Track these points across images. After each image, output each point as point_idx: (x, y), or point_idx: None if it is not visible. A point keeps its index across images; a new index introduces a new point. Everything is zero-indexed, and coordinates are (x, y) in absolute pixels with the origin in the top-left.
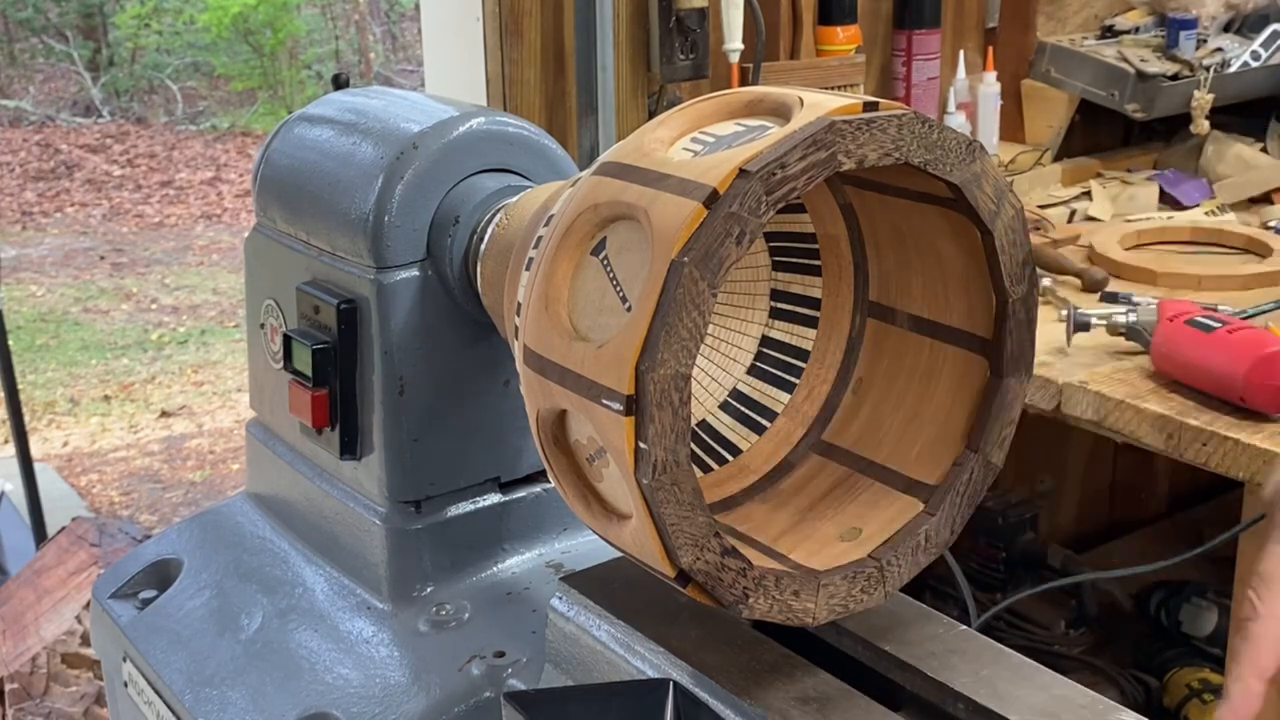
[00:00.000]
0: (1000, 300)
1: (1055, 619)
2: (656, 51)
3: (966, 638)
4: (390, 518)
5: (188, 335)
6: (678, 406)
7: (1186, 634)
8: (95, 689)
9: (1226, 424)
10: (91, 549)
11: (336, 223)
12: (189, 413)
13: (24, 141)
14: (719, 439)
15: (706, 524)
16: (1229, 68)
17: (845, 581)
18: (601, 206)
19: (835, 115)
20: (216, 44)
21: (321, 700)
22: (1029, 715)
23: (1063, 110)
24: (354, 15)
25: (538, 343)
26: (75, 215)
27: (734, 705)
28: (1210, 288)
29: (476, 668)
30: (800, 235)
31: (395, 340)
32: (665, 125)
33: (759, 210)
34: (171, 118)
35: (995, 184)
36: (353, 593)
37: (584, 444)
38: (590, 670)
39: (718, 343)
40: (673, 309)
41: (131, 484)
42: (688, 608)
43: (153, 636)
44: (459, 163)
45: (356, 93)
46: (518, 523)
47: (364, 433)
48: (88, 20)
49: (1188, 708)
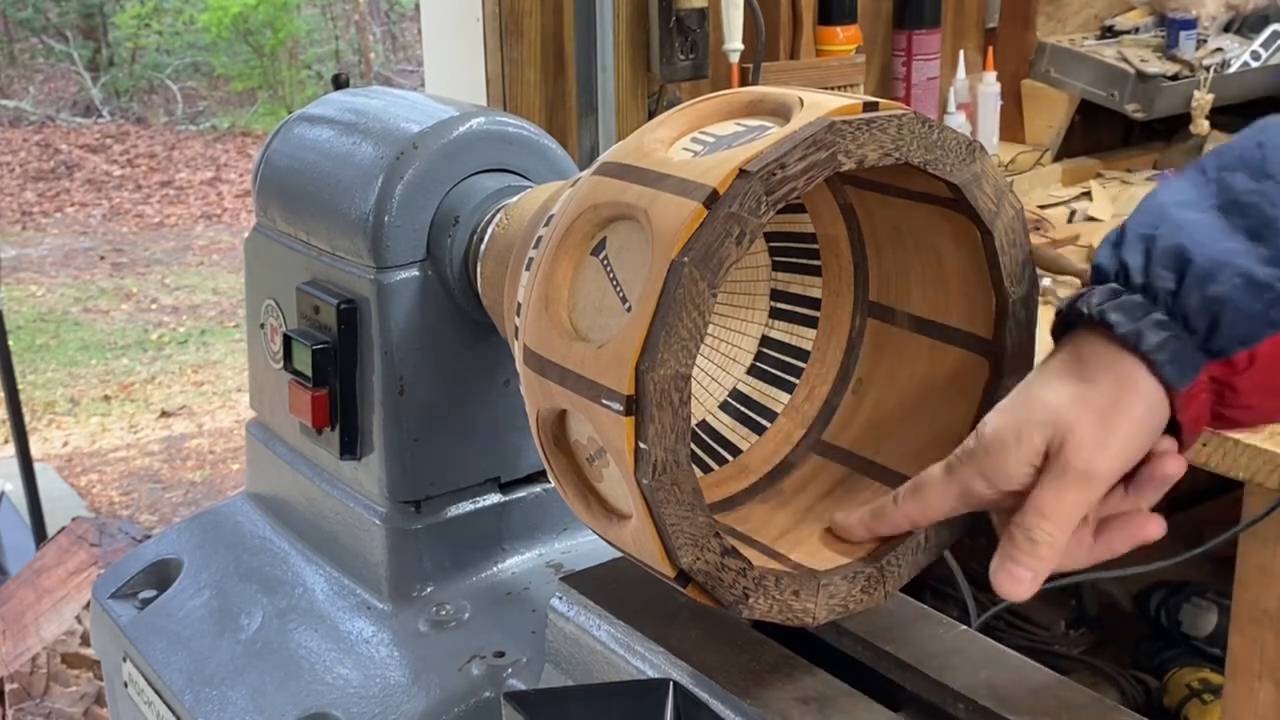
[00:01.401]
0: (1000, 300)
1: (1055, 619)
2: (656, 51)
3: (966, 638)
4: (390, 518)
5: (188, 335)
6: (678, 406)
7: (1186, 634)
8: (95, 689)
9: None
10: (91, 549)
11: (336, 223)
12: (189, 413)
13: (24, 141)
14: (719, 439)
15: (706, 524)
16: (1229, 68)
17: (845, 581)
18: (601, 206)
19: (835, 115)
20: (216, 44)
21: (321, 700)
22: (1029, 715)
23: (1063, 110)
24: (354, 15)
25: (538, 343)
26: (75, 215)
27: (734, 705)
28: None
29: (476, 668)
30: (800, 235)
31: (395, 340)
32: (665, 125)
33: (759, 210)
34: (171, 118)
35: (995, 184)
36: (353, 593)
37: (584, 444)
38: (590, 670)
39: (718, 343)
40: (673, 309)
41: (131, 484)
42: (688, 608)
43: (153, 636)
44: (459, 163)
45: (356, 93)
46: (518, 523)
47: (364, 433)
48: (88, 20)
49: (1188, 708)
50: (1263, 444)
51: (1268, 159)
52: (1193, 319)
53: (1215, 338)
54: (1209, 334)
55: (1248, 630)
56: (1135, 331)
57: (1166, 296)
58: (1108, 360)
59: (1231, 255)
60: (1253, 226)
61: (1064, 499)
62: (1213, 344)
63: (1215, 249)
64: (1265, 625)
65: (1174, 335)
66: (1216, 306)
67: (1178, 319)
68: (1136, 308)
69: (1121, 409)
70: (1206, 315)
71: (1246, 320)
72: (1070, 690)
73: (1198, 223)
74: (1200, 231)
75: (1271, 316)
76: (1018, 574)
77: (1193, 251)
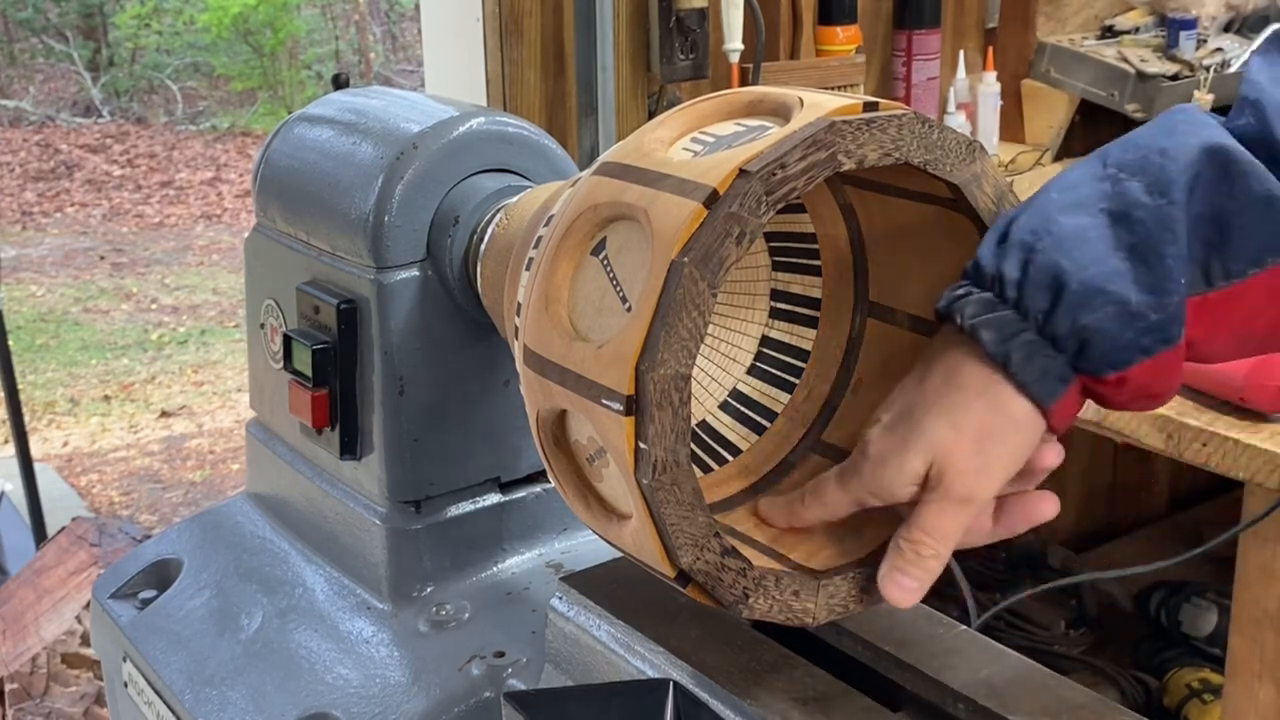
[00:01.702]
0: None
1: (1055, 619)
2: (656, 51)
3: (966, 638)
4: (390, 518)
5: (188, 335)
6: (678, 406)
7: (1186, 634)
8: (95, 689)
9: (1226, 424)
10: (91, 549)
11: (336, 223)
12: (189, 413)
13: (24, 141)
14: (719, 439)
15: (706, 524)
16: (1229, 68)
17: (845, 581)
18: (601, 206)
19: (835, 115)
20: (216, 44)
21: (321, 700)
22: (1029, 715)
23: (1063, 110)
24: (354, 15)
25: (538, 343)
26: (75, 215)
27: (734, 705)
28: None
29: (476, 668)
30: (800, 235)
31: (395, 340)
32: (665, 125)
33: (759, 210)
34: (171, 118)
35: (995, 184)
36: (353, 593)
37: (584, 444)
38: (590, 670)
39: (718, 343)
40: (673, 309)
41: (131, 484)
42: (688, 608)
43: (153, 636)
44: (459, 163)
45: (356, 93)
46: (518, 523)
47: (364, 433)
48: (88, 20)
49: (1188, 708)
50: (1263, 444)
51: (1166, 171)
52: (1062, 342)
53: (1084, 360)
54: (1078, 355)
55: (1248, 630)
56: (1005, 353)
57: (1038, 315)
58: (980, 383)
59: (1108, 280)
60: (1137, 246)
61: (945, 519)
62: (1082, 365)
63: (1092, 272)
64: (1265, 625)
65: (1044, 355)
66: (1086, 334)
67: (1047, 339)
68: (1007, 324)
69: (997, 437)
70: (1076, 340)
71: (1118, 349)
72: (1070, 690)
73: (1081, 233)
74: (1081, 248)
75: (1143, 344)
76: (904, 583)
77: (1069, 276)
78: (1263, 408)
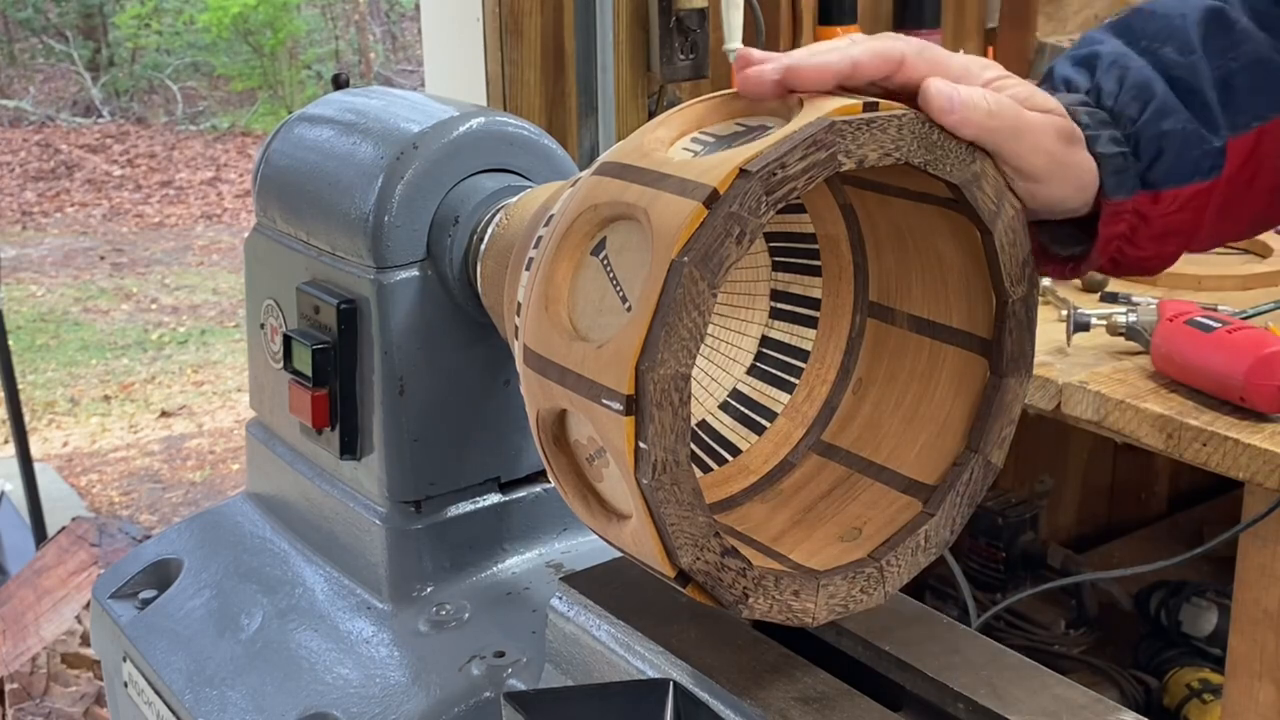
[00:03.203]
0: (1000, 300)
1: (1055, 619)
2: (656, 51)
3: (966, 638)
4: (390, 518)
5: (188, 335)
6: (678, 406)
7: (1186, 634)
8: (95, 689)
9: (1226, 424)
10: (91, 549)
11: (336, 223)
12: (189, 413)
13: (24, 141)
14: (719, 439)
15: (706, 524)
16: None
17: (845, 581)
18: (601, 206)
19: (835, 115)
20: (216, 44)
21: (321, 700)
22: (1029, 715)
23: None
24: (354, 15)
25: (538, 343)
26: (75, 215)
27: (734, 705)
28: (1210, 288)
29: (476, 668)
30: (800, 235)
31: (395, 340)
32: (665, 125)
33: (759, 210)
34: (171, 118)
35: (995, 184)
36: (353, 593)
37: (584, 444)
38: (590, 670)
39: (718, 343)
40: (673, 309)
41: (131, 484)
42: (688, 608)
43: (153, 636)
44: (459, 163)
45: (356, 93)
46: (518, 523)
47: (364, 433)
48: (88, 20)
49: (1188, 708)
50: (1263, 444)
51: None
52: (1144, 146)
53: (1155, 170)
54: (1151, 164)
55: (1248, 630)
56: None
57: (1128, 122)
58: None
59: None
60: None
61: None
62: (1151, 175)
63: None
64: (1265, 625)
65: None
66: (1165, 140)
67: (1130, 143)
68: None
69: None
70: (1155, 146)
71: (1185, 163)
72: (1070, 690)
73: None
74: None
75: (1203, 166)
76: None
77: (1156, 88)
78: (1263, 408)
